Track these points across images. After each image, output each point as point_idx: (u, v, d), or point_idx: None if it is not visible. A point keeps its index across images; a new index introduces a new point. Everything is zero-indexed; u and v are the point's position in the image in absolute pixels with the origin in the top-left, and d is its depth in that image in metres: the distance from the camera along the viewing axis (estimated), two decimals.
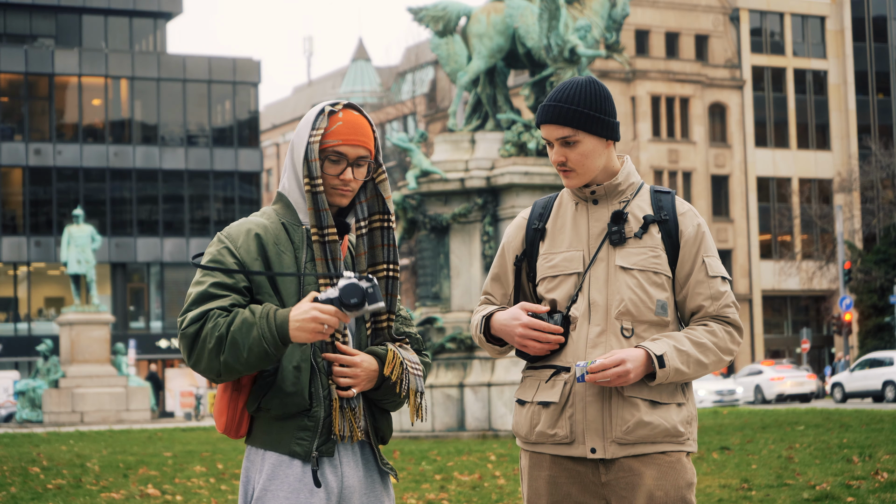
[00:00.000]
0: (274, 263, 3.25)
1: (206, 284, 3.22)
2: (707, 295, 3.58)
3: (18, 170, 59.52)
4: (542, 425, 3.56)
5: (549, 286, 3.63)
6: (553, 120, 3.56)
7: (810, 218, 61.64)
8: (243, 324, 3.14)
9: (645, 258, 3.56)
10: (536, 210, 3.75)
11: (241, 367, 3.16)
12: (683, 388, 3.59)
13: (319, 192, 3.27)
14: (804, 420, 22.86)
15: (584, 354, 3.52)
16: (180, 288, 61.69)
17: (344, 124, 3.31)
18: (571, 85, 3.58)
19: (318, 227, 3.26)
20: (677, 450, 3.54)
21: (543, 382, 3.58)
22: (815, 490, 10.46)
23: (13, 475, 14.56)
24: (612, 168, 3.64)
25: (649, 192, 3.66)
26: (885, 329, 52.66)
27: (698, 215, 3.65)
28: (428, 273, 22.22)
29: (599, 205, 3.63)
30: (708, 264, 3.59)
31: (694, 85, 64.66)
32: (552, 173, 21.76)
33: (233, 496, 11.41)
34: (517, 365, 20.90)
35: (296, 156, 3.33)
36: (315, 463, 3.20)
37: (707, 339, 3.54)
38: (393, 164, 62.72)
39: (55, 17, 62.79)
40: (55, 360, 39.52)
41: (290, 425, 3.23)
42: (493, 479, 12.50)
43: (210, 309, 3.18)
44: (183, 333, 3.18)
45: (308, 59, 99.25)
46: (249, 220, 3.33)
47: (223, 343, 3.14)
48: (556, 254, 3.63)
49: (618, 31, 23.70)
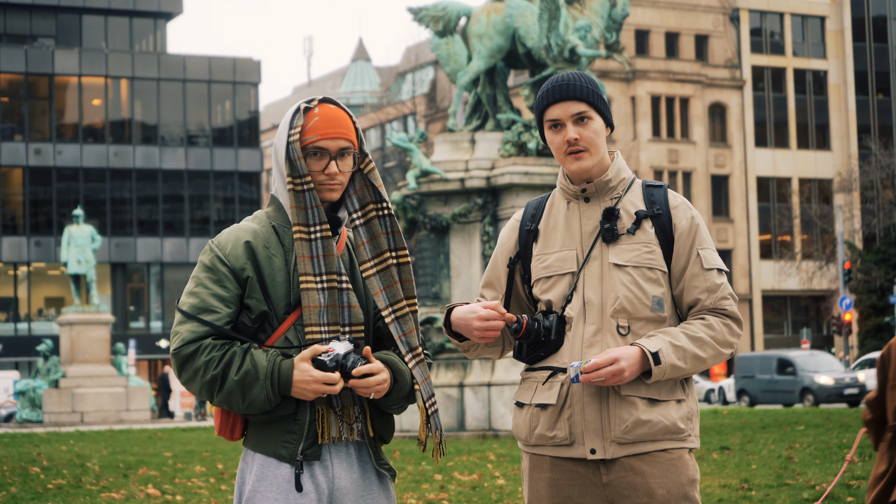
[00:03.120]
0: (264, 267, 3.25)
1: (201, 295, 3.24)
2: (703, 288, 3.53)
3: (18, 170, 59.52)
4: (541, 427, 3.54)
5: (543, 287, 3.60)
6: (567, 96, 3.54)
7: (810, 218, 61.64)
8: (246, 377, 3.16)
9: (639, 254, 3.52)
10: (529, 211, 3.72)
11: (235, 410, 3.23)
12: (683, 384, 3.55)
13: (307, 189, 3.26)
14: (804, 420, 22.87)
15: (580, 354, 3.49)
16: (180, 288, 61.62)
17: (321, 119, 3.30)
18: (571, 73, 3.61)
19: (304, 224, 3.25)
20: (678, 447, 3.50)
21: (541, 384, 3.56)
22: (815, 490, 10.46)
23: (13, 475, 14.56)
24: (604, 163, 3.61)
25: (641, 187, 3.62)
26: (885, 329, 52.64)
27: (691, 208, 3.62)
28: (428, 273, 22.22)
29: (591, 202, 3.60)
30: (703, 257, 3.55)
31: (694, 85, 64.65)
32: (552, 173, 21.76)
33: (232, 496, 11.41)
34: (517, 365, 20.89)
35: (279, 157, 3.33)
36: (299, 466, 3.20)
37: (704, 334, 3.49)
38: (393, 164, 62.74)
39: (55, 17, 62.78)
40: (55, 360, 39.50)
41: (277, 428, 3.24)
42: (492, 480, 12.50)
43: (205, 335, 3.19)
44: (175, 353, 3.19)
45: (308, 59, 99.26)
46: (240, 226, 3.33)
47: (217, 384, 3.17)
48: (549, 254, 3.60)
49: (618, 31, 23.69)
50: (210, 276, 3.26)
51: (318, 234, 3.26)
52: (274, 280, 3.25)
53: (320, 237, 3.26)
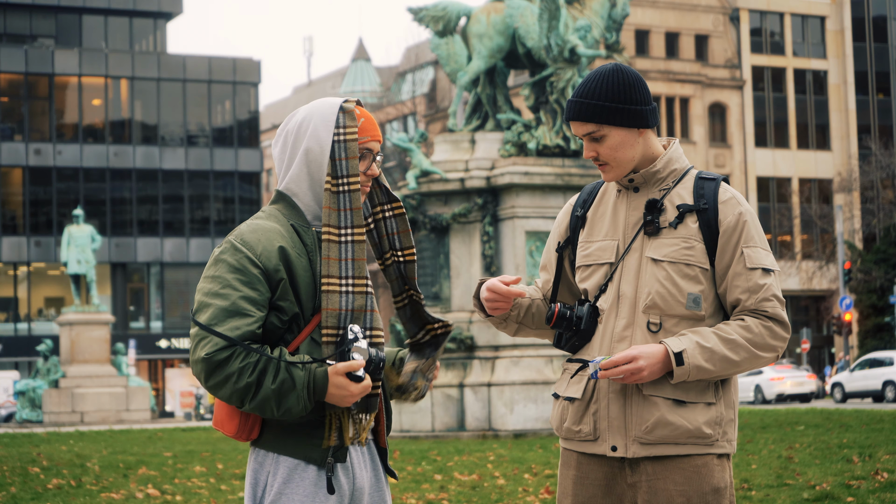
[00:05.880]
0: (297, 269, 3.19)
1: (232, 298, 3.13)
2: (744, 288, 3.40)
3: (18, 170, 59.52)
4: (568, 421, 3.50)
5: (582, 275, 3.56)
6: (575, 117, 3.48)
7: (810, 218, 61.65)
8: (282, 386, 3.09)
9: (677, 249, 3.42)
10: (582, 196, 3.67)
11: (265, 416, 3.16)
12: (717, 386, 3.43)
13: (345, 191, 3.21)
14: (804, 420, 22.87)
15: (609, 348, 3.43)
16: (180, 288, 61.69)
17: (367, 120, 3.30)
18: (595, 77, 3.48)
19: (336, 226, 3.20)
20: (704, 452, 3.39)
21: (570, 377, 3.52)
22: (815, 490, 10.46)
23: (13, 475, 14.56)
24: (653, 154, 3.51)
25: (693, 179, 3.52)
26: (885, 329, 52.67)
27: (742, 203, 3.47)
28: (428, 273, 22.22)
29: (640, 192, 3.52)
30: (747, 255, 3.41)
31: (694, 85, 64.67)
32: (552, 173, 21.76)
33: (233, 496, 11.41)
34: (517, 365, 20.90)
35: (314, 156, 3.27)
36: (330, 469, 3.20)
37: (738, 335, 3.37)
38: (393, 164, 62.71)
39: (55, 17, 62.79)
40: (55, 360, 39.53)
41: (304, 431, 3.21)
42: (492, 480, 12.49)
43: (238, 341, 3.09)
44: (207, 358, 3.06)
45: (308, 59, 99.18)
46: (263, 226, 3.22)
47: (251, 391, 3.09)
48: (592, 242, 3.55)
49: (618, 31, 23.70)
50: (239, 278, 3.14)
51: (349, 237, 3.21)
52: (304, 281, 3.21)
53: (352, 240, 3.21)
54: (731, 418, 3.46)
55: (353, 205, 3.21)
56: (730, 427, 3.45)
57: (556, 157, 22.14)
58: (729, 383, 3.48)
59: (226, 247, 3.19)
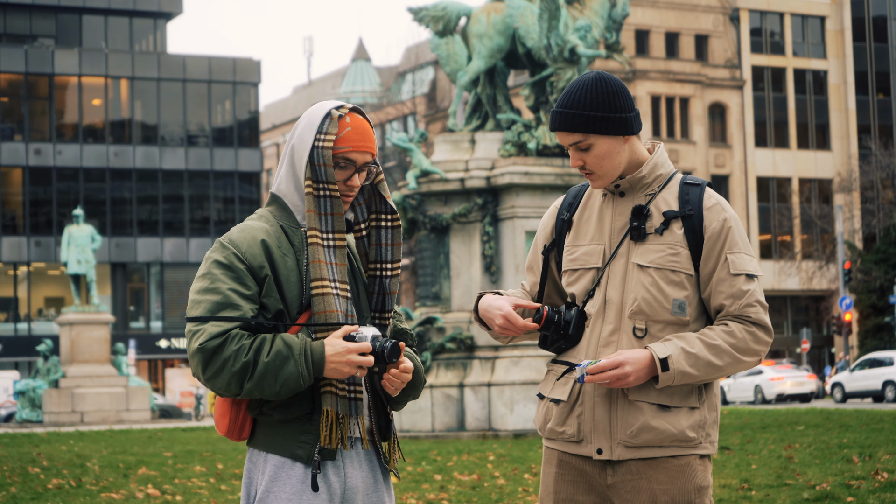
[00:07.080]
0: (280, 267, 3.22)
1: (223, 291, 3.16)
2: (728, 293, 3.43)
3: (18, 170, 59.53)
4: (552, 422, 3.53)
5: (569, 279, 3.57)
6: (560, 127, 3.47)
7: (810, 218, 61.64)
8: (277, 356, 3.11)
9: (663, 256, 3.44)
10: (567, 199, 3.67)
11: (267, 395, 3.15)
12: (700, 390, 3.46)
13: (331, 196, 3.23)
14: (804, 420, 22.86)
15: (595, 353, 3.45)
16: (180, 288, 61.70)
17: (353, 130, 3.27)
18: (577, 87, 3.47)
19: (320, 230, 3.23)
20: (687, 453, 3.43)
21: (556, 379, 3.54)
22: (815, 490, 10.46)
23: (13, 475, 14.56)
24: (638, 160, 3.52)
25: (678, 185, 3.53)
26: (885, 329, 52.67)
27: (727, 209, 3.51)
28: (428, 273, 22.22)
29: (625, 198, 3.52)
30: (731, 261, 3.44)
31: (694, 85, 64.66)
32: (552, 173, 21.77)
33: (232, 496, 11.42)
34: (517, 365, 20.91)
35: (297, 158, 3.29)
36: (316, 467, 3.20)
37: (722, 341, 3.40)
38: (393, 164, 62.74)
39: (55, 17, 62.80)
40: (55, 360, 39.51)
41: (292, 429, 3.22)
42: (492, 480, 12.50)
43: (232, 328, 3.13)
44: (202, 347, 3.10)
45: (308, 59, 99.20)
46: (251, 225, 3.27)
47: (249, 370, 3.10)
48: (578, 247, 3.56)
49: (618, 31, 23.70)
50: (228, 274, 3.19)
51: (332, 241, 3.25)
52: (288, 280, 3.23)
53: (334, 245, 3.25)
54: (714, 420, 3.50)
55: (334, 210, 3.24)
56: (712, 429, 3.49)
57: (556, 157, 22.14)
58: (711, 386, 3.51)
59: (215, 246, 3.25)
